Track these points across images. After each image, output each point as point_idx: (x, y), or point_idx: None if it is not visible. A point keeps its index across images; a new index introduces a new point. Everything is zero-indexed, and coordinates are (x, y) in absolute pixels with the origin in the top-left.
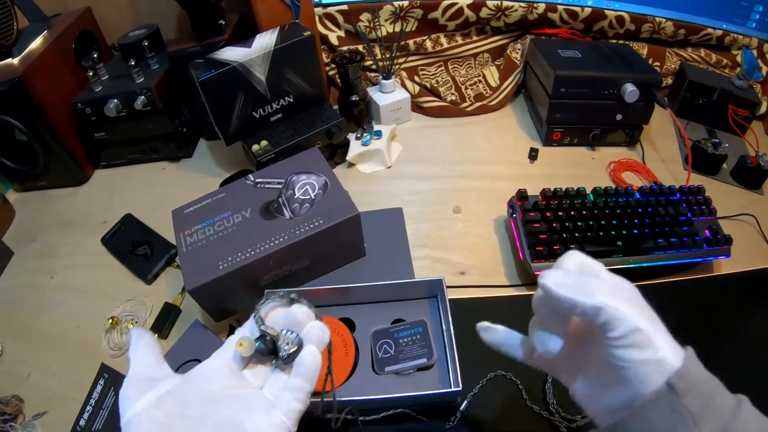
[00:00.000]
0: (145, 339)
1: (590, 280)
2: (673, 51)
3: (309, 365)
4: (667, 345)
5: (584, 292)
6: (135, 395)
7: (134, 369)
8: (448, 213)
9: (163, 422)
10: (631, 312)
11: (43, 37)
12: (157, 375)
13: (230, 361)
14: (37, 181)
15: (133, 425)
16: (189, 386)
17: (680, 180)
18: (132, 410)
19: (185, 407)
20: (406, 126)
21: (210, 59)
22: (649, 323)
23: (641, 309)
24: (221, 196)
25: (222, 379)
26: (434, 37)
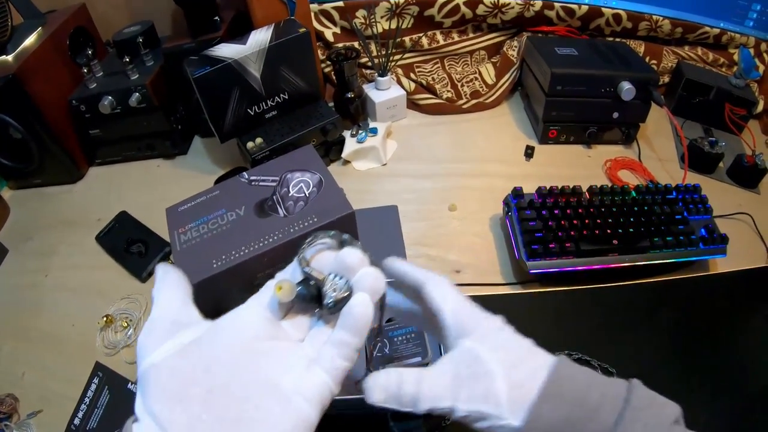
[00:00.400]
0: (173, 276)
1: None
2: (670, 49)
3: (359, 317)
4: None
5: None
6: (155, 342)
7: (157, 311)
8: (443, 211)
9: (186, 376)
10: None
11: (38, 34)
12: (183, 319)
13: (267, 308)
14: (32, 179)
15: (150, 377)
16: (218, 335)
17: (676, 178)
18: (150, 359)
19: (213, 360)
20: (401, 123)
21: (205, 56)
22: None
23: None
24: (215, 193)
25: (256, 328)
26: (430, 34)
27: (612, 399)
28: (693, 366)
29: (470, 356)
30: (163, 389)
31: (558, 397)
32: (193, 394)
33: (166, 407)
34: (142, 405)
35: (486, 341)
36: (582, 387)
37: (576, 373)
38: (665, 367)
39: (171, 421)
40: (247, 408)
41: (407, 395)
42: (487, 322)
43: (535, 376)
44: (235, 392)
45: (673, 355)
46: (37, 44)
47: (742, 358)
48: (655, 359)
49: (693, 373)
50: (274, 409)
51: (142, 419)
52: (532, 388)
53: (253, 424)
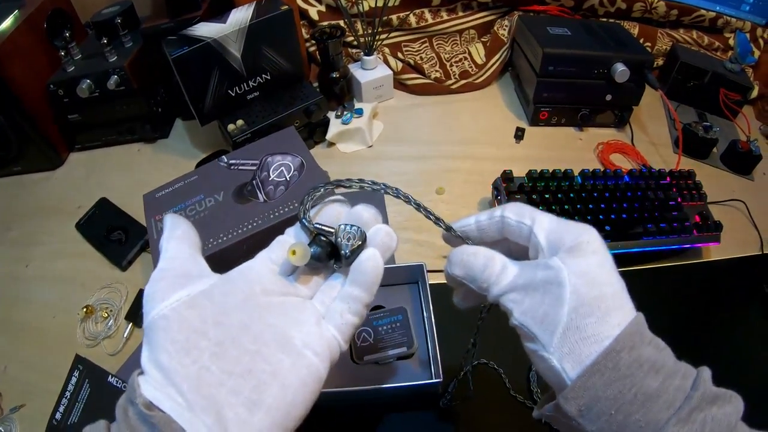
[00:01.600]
0: (182, 227)
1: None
2: (664, 32)
3: (369, 271)
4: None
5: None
6: (163, 292)
7: (165, 261)
8: (431, 194)
9: (195, 327)
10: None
11: (14, 17)
12: (192, 271)
13: (277, 264)
14: (11, 167)
15: (158, 327)
16: (229, 288)
17: (670, 163)
18: (158, 309)
19: (223, 313)
20: (388, 104)
21: (183, 36)
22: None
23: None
24: (194, 179)
25: (266, 282)
26: (418, 12)
27: (673, 390)
28: (685, 354)
29: (552, 273)
30: (171, 340)
31: (614, 371)
32: (202, 346)
33: (174, 359)
34: (149, 356)
35: (574, 262)
36: (643, 368)
37: (643, 349)
38: None
39: (179, 372)
40: (257, 361)
41: (486, 280)
42: (587, 236)
43: (600, 334)
44: (245, 345)
45: (665, 342)
46: (14, 27)
47: (735, 346)
48: None
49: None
50: (284, 362)
51: (149, 371)
52: (591, 345)
53: (263, 376)
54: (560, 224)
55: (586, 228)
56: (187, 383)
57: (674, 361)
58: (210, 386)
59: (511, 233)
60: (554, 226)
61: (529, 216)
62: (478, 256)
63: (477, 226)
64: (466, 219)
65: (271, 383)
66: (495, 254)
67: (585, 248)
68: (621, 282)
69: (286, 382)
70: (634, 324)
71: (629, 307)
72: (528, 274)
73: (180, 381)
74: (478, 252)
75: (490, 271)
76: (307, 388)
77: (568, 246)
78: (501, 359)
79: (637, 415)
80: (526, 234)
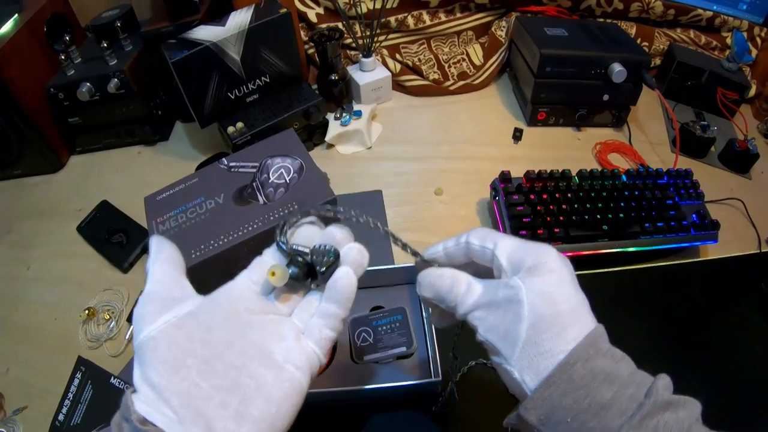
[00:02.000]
0: (167, 251)
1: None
2: (661, 31)
3: (343, 289)
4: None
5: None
6: (152, 314)
7: (152, 285)
8: (429, 195)
9: (183, 346)
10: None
11: (14, 21)
12: (177, 294)
13: (257, 284)
14: (11, 170)
15: (148, 348)
16: (213, 307)
17: (667, 163)
18: (146, 331)
19: (208, 331)
20: (386, 105)
21: (183, 39)
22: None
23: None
24: (194, 181)
25: (247, 302)
26: (416, 14)
27: (626, 399)
28: (683, 352)
29: (511, 292)
30: (161, 360)
31: (569, 383)
32: (190, 363)
33: (164, 377)
34: (141, 376)
35: (532, 281)
36: (597, 378)
37: (597, 360)
38: (655, 353)
39: (169, 389)
40: (243, 375)
41: (453, 300)
42: (545, 256)
43: (556, 349)
44: (230, 361)
45: (663, 341)
46: (14, 31)
47: (733, 345)
48: (645, 346)
49: (683, 360)
50: (267, 376)
51: (141, 389)
52: (547, 359)
53: (249, 390)
54: (521, 246)
55: (545, 248)
56: (178, 398)
57: (631, 371)
58: (199, 400)
59: (476, 257)
60: (515, 248)
61: (491, 240)
62: (444, 278)
63: (445, 252)
64: (435, 246)
65: (256, 396)
66: (460, 275)
67: (543, 268)
68: (580, 298)
69: (270, 396)
70: (590, 337)
71: (587, 321)
72: (491, 293)
73: (170, 396)
74: (444, 274)
75: (456, 291)
76: (289, 400)
77: (527, 266)
78: None
79: (592, 422)
80: (489, 257)
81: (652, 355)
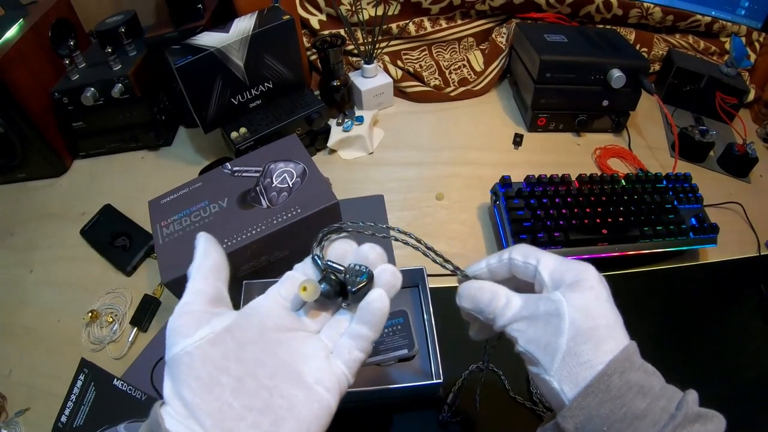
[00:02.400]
0: (213, 257)
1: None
2: (660, 37)
3: (376, 311)
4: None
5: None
6: (188, 327)
7: (192, 295)
8: (430, 200)
9: (219, 364)
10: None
11: (19, 26)
12: (216, 307)
13: (287, 299)
14: (15, 173)
15: (183, 364)
16: (247, 323)
17: (667, 167)
18: (182, 345)
19: (242, 348)
20: (388, 111)
21: (187, 45)
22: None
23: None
24: (198, 185)
25: (277, 319)
26: (417, 21)
27: (659, 411)
28: (683, 355)
29: (552, 305)
30: (195, 377)
31: (606, 393)
32: (224, 382)
33: (198, 395)
34: (173, 390)
35: (573, 296)
36: (632, 390)
37: (632, 373)
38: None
39: (202, 408)
40: (275, 396)
41: (492, 312)
42: (586, 273)
43: (594, 360)
44: (262, 380)
45: (663, 344)
46: (19, 36)
47: (732, 347)
48: (645, 349)
49: (682, 363)
50: (299, 397)
51: (172, 404)
52: (586, 369)
53: (281, 411)
54: (562, 263)
55: (585, 266)
56: (210, 419)
57: (662, 385)
58: (231, 420)
59: (518, 272)
60: (557, 265)
61: (534, 256)
62: (485, 291)
63: (488, 268)
64: (478, 264)
65: (288, 418)
66: (500, 288)
67: (583, 284)
68: (615, 315)
69: (300, 417)
70: (625, 352)
71: (622, 336)
72: (531, 306)
73: (203, 416)
74: (483, 286)
75: (496, 303)
76: (319, 422)
77: (568, 282)
78: (500, 362)
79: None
80: (532, 272)
81: (652, 358)
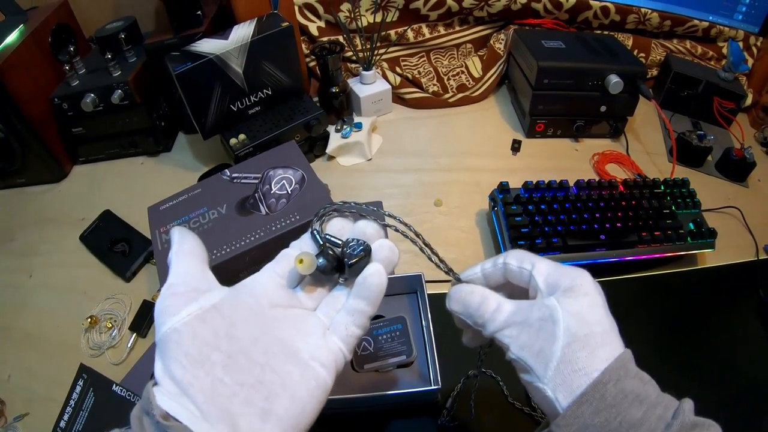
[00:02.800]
0: (189, 242)
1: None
2: (658, 42)
3: (374, 286)
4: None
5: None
6: (175, 306)
7: (175, 276)
8: (429, 206)
9: (207, 341)
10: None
11: (20, 31)
12: (201, 285)
13: (282, 276)
14: (15, 178)
15: (171, 341)
16: (237, 301)
17: (665, 172)
18: (170, 323)
19: (233, 325)
20: (387, 118)
21: (186, 51)
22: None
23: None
24: (197, 191)
25: (272, 295)
26: (416, 27)
27: (655, 420)
28: (681, 360)
29: (547, 311)
30: (185, 353)
31: (601, 401)
32: (215, 358)
33: (188, 371)
34: (163, 369)
35: (568, 302)
36: (628, 398)
37: (628, 381)
38: (653, 361)
39: (193, 384)
40: (267, 372)
41: (482, 317)
42: (581, 279)
43: (589, 367)
44: (254, 357)
45: (661, 349)
46: (19, 41)
47: (731, 352)
48: (643, 354)
49: (681, 368)
50: (293, 373)
51: (163, 383)
52: (581, 377)
53: (273, 387)
54: (557, 269)
55: (581, 272)
56: (202, 394)
57: (658, 393)
58: (223, 397)
59: (513, 277)
60: (552, 270)
61: (528, 261)
62: (475, 294)
63: (483, 273)
64: (473, 268)
65: (281, 394)
66: (490, 293)
67: (579, 290)
68: (611, 321)
69: (295, 394)
70: (621, 359)
71: (617, 344)
72: (524, 312)
73: (195, 392)
74: (474, 290)
75: (485, 308)
76: (314, 399)
77: (563, 288)
78: (498, 368)
79: None
80: (527, 278)
81: (651, 364)
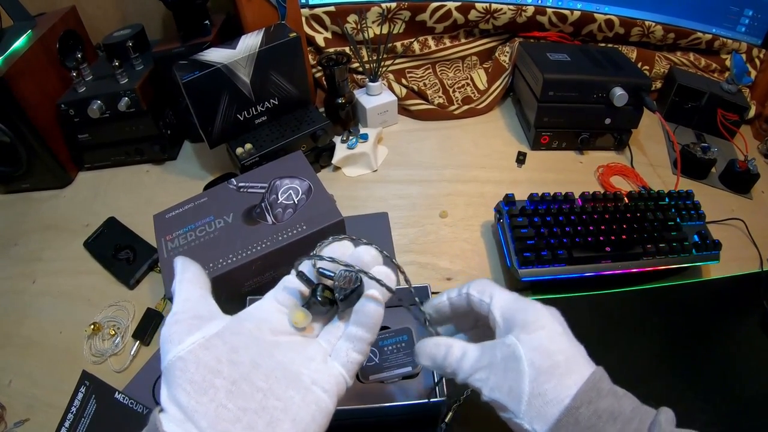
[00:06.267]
0: (192, 271)
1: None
2: (662, 55)
3: (371, 314)
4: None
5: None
6: (179, 335)
7: (179, 305)
8: (434, 218)
9: (211, 367)
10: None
11: (27, 37)
12: (204, 314)
13: (284, 305)
14: (19, 183)
15: (176, 369)
16: (240, 328)
17: (669, 184)
18: (174, 352)
19: (235, 352)
20: (392, 129)
21: (194, 60)
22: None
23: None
24: (203, 200)
25: (274, 323)
26: (422, 40)
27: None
28: (686, 372)
29: (508, 349)
30: (189, 380)
31: (575, 425)
32: (218, 384)
33: (192, 398)
34: (168, 395)
35: (527, 338)
36: (602, 418)
37: (600, 401)
38: (657, 373)
39: (197, 410)
40: (269, 397)
41: (450, 366)
42: (536, 315)
43: (560, 395)
44: (257, 382)
45: (665, 361)
46: (27, 47)
47: (735, 364)
48: (648, 366)
49: (686, 380)
50: (295, 398)
51: (168, 409)
52: (554, 406)
53: (275, 412)
54: (514, 303)
55: (535, 306)
56: (206, 420)
57: (633, 407)
58: (227, 422)
59: (474, 307)
60: (508, 305)
61: (488, 293)
62: (440, 347)
63: (449, 301)
64: (440, 296)
65: (283, 419)
66: (454, 341)
67: (534, 325)
68: (574, 347)
69: (297, 418)
70: (590, 381)
71: (585, 367)
72: (488, 354)
73: (199, 418)
74: (439, 342)
75: (451, 358)
76: (316, 424)
77: (520, 324)
78: None
79: None
80: (486, 309)
81: (655, 375)
